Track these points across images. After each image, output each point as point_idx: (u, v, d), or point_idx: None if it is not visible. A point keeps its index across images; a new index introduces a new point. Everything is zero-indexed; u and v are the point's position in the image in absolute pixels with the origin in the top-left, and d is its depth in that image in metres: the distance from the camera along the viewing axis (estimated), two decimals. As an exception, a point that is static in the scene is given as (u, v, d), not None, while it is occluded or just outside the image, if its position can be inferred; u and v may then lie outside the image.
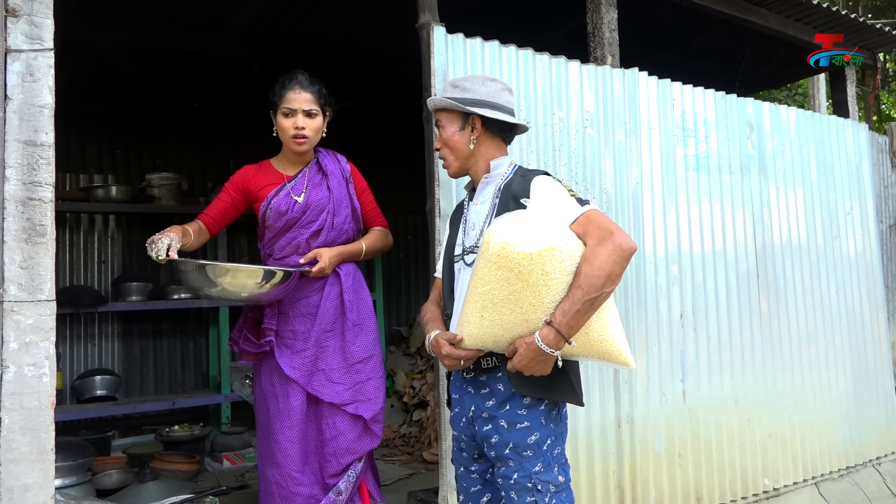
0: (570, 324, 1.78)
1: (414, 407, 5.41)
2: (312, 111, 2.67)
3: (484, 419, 1.99)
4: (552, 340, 1.79)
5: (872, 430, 4.37)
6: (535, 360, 1.82)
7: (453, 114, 2.10)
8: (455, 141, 2.09)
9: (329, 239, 2.73)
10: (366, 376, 2.74)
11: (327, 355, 2.71)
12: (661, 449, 3.33)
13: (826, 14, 4.44)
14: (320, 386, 2.69)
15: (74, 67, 4.67)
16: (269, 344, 2.71)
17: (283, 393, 2.70)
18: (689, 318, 3.51)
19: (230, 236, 5.61)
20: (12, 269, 1.89)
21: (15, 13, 1.95)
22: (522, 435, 1.92)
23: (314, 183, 2.76)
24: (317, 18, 4.34)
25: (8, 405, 1.86)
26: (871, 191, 4.62)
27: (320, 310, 2.72)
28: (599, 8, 3.54)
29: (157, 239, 2.43)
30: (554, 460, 1.94)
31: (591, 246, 1.82)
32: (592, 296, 1.77)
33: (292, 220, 2.70)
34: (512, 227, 1.82)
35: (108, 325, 5.62)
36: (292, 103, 2.64)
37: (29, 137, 1.94)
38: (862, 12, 9.72)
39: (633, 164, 3.39)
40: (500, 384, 1.97)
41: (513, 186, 2.03)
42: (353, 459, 2.70)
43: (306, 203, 2.71)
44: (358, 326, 2.76)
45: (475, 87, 2.08)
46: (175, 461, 4.13)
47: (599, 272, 1.77)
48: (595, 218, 1.86)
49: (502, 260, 1.79)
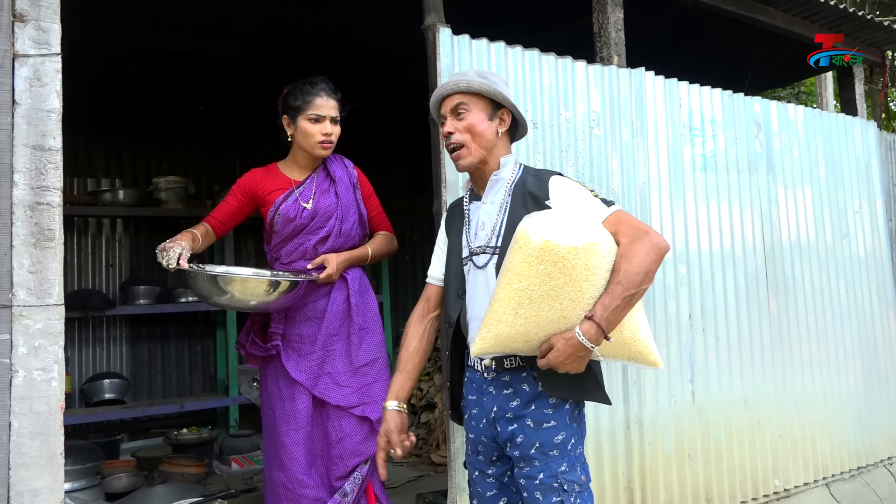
0: (611, 319, 1.77)
1: (422, 409, 5.40)
2: (337, 118, 2.71)
3: (508, 419, 1.96)
4: (593, 335, 1.77)
5: (883, 429, 4.34)
6: (573, 355, 1.79)
7: (483, 101, 2.03)
8: (483, 129, 2.02)
9: (337, 245, 2.74)
10: (372, 378, 2.75)
11: (333, 359, 2.72)
12: (671, 450, 3.32)
13: (833, 12, 4.42)
14: (326, 389, 2.70)
15: (82, 71, 4.69)
16: (275, 348, 2.73)
17: (290, 396, 2.71)
18: (697, 318, 3.49)
19: (237, 239, 5.61)
20: (21, 273, 1.89)
21: (22, 18, 1.95)
22: (549, 434, 1.90)
23: (322, 189, 2.76)
24: (322, 20, 4.35)
25: (17, 409, 1.86)
26: (880, 189, 4.59)
27: (327, 314, 2.72)
28: (605, 8, 3.53)
29: (168, 247, 2.45)
30: (577, 460, 1.93)
31: (627, 244, 1.81)
32: (631, 292, 1.77)
33: (300, 227, 2.71)
34: (553, 222, 1.79)
35: (116, 329, 5.64)
36: (321, 109, 2.65)
37: (37, 142, 1.94)
38: (869, 10, 9.68)
39: (641, 164, 3.38)
40: (525, 384, 1.95)
41: (527, 185, 1.99)
42: (359, 462, 2.70)
43: (315, 209, 2.71)
44: (364, 330, 2.76)
45: (501, 85, 2.06)
46: (184, 464, 4.14)
47: (639, 268, 1.77)
48: (625, 218, 1.87)
49: (546, 254, 1.75)
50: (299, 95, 2.67)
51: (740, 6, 4.16)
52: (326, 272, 2.64)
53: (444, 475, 3.00)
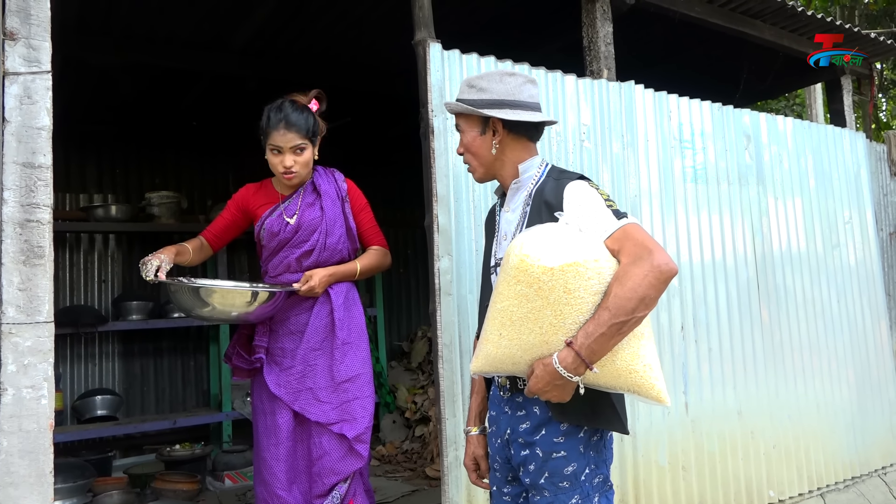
0: (593, 348, 1.60)
1: (416, 422, 5.39)
2: (300, 146, 2.64)
3: (520, 444, 1.85)
4: (570, 364, 1.62)
5: (877, 439, 4.35)
6: (551, 383, 1.66)
7: (471, 118, 1.93)
8: (477, 146, 1.93)
9: (322, 259, 2.73)
10: (352, 395, 2.70)
11: (315, 373, 2.70)
12: (665, 462, 3.31)
13: (821, 25, 4.47)
14: (307, 404, 2.68)
15: (73, 87, 4.69)
16: (259, 361, 2.73)
17: (271, 410, 2.70)
18: (689, 329, 3.50)
19: (230, 254, 5.61)
20: (10, 290, 1.89)
21: (13, 36, 1.96)
22: (559, 465, 1.78)
23: (307, 203, 2.76)
24: (315, 35, 4.37)
25: (6, 428, 1.85)
26: (870, 199, 4.62)
27: (308, 328, 2.71)
28: (595, 22, 3.57)
29: (147, 260, 2.49)
30: (594, 490, 1.79)
31: (626, 264, 1.64)
32: (621, 319, 1.59)
33: (284, 241, 2.73)
34: (534, 238, 1.68)
35: (108, 345, 5.61)
36: (278, 142, 2.62)
37: (27, 159, 1.94)
38: (857, 22, 9.78)
39: (631, 176, 3.40)
40: (536, 406, 1.82)
41: (545, 192, 1.85)
42: (337, 480, 2.65)
43: (298, 224, 2.72)
44: (347, 345, 2.72)
45: (493, 86, 1.89)
46: (176, 481, 4.11)
47: (632, 294, 1.59)
48: (633, 233, 1.68)
49: (521, 274, 1.64)
50: (264, 123, 2.65)
51: (728, 20, 4.20)
52: (309, 284, 2.63)
53: (438, 489, 2.98)
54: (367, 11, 4.04)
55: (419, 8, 2.93)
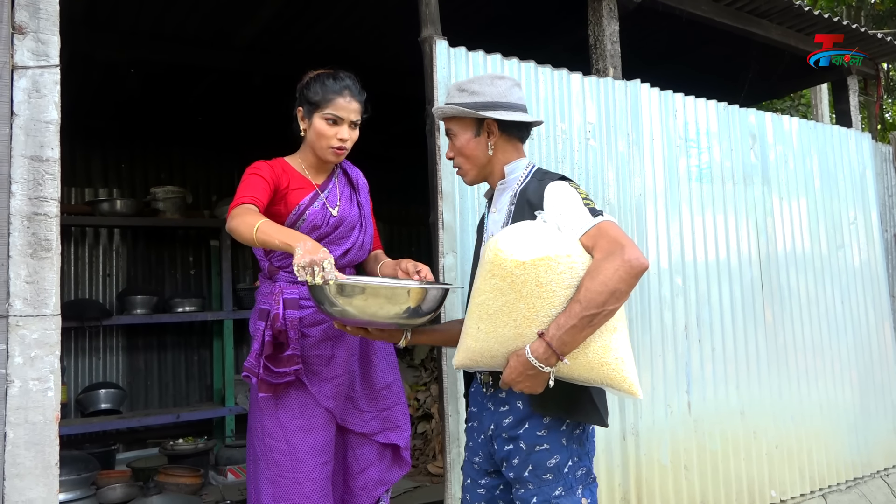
0: (564, 339, 1.65)
1: (419, 419, 5.39)
2: (358, 122, 2.37)
3: (504, 439, 1.89)
4: (542, 355, 1.67)
5: (880, 440, 4.34)
6: (524, 374, 1.71)
7: (465, 121, 1.96)
8: (471, 149, 1.97)
9: (356, 259, 2.44)
10: (392, 402, 2.50)
11: (355, 381, 2.44)
12: (667, 461, 3.32)
13: (828, 24, 4.46)
14: (347, 415, 2.42)
15: (80, 82, 4.71)
16: (296, 372, 2.30)
17: (318, 425, 2.34)
18: (693, 328, 3.50)
19: (233, 248, 5.60)
20: (18, 283, 1.90)
21: (21, 30, 1.96)
22: (542, 457, 1.83)
23: (345, 196, 2.46)
24: (320, 32, 4.38)
25: (13, 419, 1.86)
26: (875, 200, 4.62)
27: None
28: (601, 20, 3.56)
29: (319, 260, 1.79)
30: (577, 482, 1.84)
31: (598, 259, 1.69)
32: (591, 312, 1.64)
33: (323, 236, 2.34)
34: (509, 234, 1.73)
35: (112, 339, 5.63)
36: (341, 111, 2.30)
37: (35, 153, 1.95)
38: (864, 22, 9.75)
39: (636, 175, 3.40)
40: (519, 401, 1.87)
41: (528, 192, 1.91)
42: (384, 490, 2.52)
43: (340, 218, 2.38)
44: (383, 349, 2.51)
45: (484, 89, 1.94)
46: (179, 475, 4.13)
47: (602, 287, 1.64)
48: (607, 230, 1.73)
49: (495, 268, 1.70)
50: (320, 90, 2.31)
51: (735, 19, 4.19)
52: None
53: (440, 486, 2.99)
54: (373, 8, 4.04)
55: (426, 5, 2.93)
